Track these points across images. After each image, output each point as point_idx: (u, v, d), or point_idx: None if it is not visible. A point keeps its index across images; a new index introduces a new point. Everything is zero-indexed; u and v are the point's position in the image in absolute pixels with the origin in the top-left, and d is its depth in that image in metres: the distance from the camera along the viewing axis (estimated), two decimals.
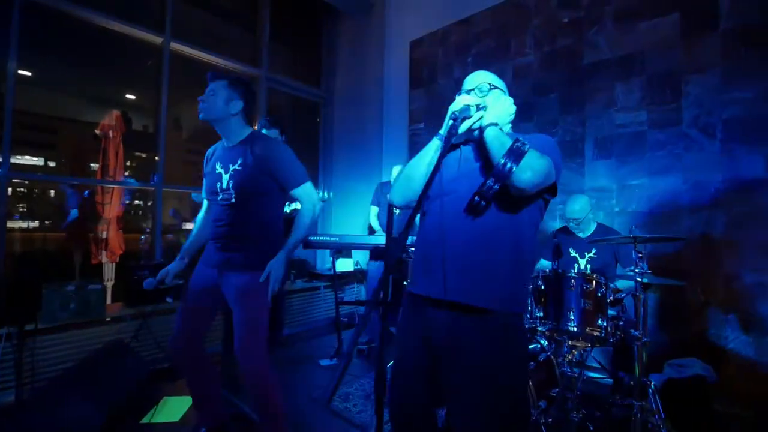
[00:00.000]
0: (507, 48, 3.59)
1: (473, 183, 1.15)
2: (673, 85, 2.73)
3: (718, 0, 2.57)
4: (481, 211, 1.11)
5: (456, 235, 1.12)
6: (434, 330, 1.14)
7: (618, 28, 2.97)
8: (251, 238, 1.65)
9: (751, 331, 2.43)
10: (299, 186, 1.67)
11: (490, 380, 1.06)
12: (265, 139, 1.72)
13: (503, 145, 1.06)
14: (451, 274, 1.10)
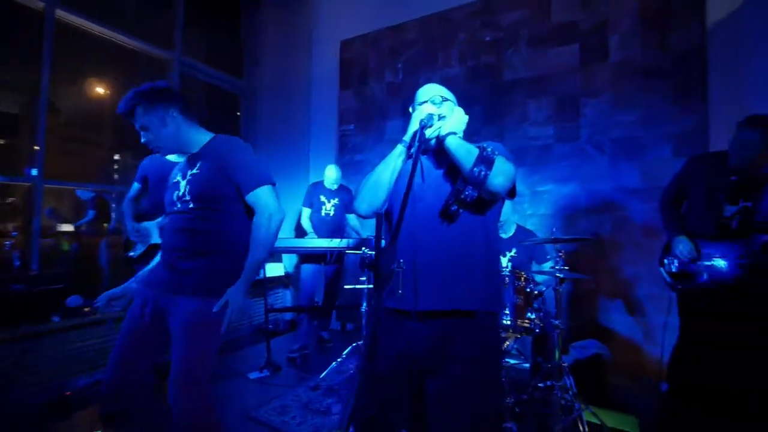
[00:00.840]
0: (435, 59, 3.78)
1: (439, 190, 1.18)
2: (574, 106, 3.18)
3: (608, 36, 3.06)
4: (454, 217, 1.15)
5: (432, 243, 1.14)
6: (418, 342, 1.14)
7: (531, 51, 3.34)
8: (209, 254, 1.39)
9: (630, 313, 2.95)
10: (255, 189, 1.38)
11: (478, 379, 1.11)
12: (225, 139, 1.48)
13: (470, 153, 1.11)
14: (435, 282, 1.12)
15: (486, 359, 1.14)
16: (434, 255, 1.13)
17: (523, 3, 3.39)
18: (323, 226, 3.53)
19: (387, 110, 4.04)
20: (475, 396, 1.11)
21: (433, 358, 1.14)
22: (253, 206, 1.40)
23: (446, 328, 1.13)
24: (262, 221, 1.38)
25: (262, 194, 1.39)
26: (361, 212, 1.22)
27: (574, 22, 3.18)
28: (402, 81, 3.96)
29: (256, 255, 1.38)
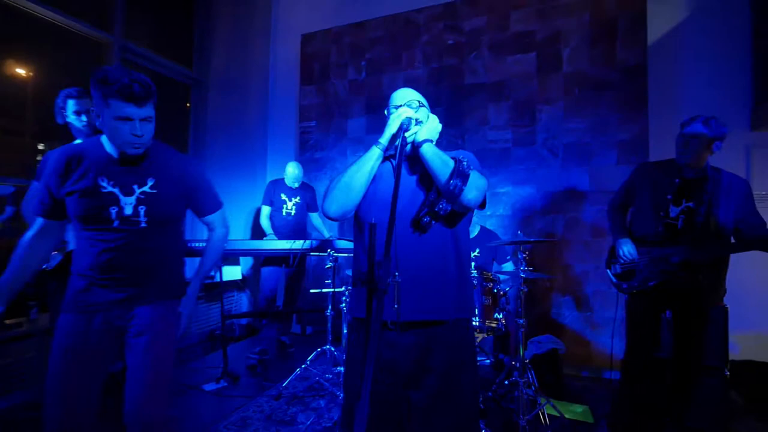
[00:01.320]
0: (399, 59, 3.77)
1: (412, 198, 1.16)
2: (531, 112, 3.33)
3: (561, 48, 3.24)
4: (427, 228, 1.13)
5: (408, 253, 1.11)
6: (399, 354, 1.12)
7: (491, 57, 3.45)
8: (165, 266, 1.39)
9: (580, 309, 3.16)
10: (213, 213, 1.49)
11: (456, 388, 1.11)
12: (175, 154, 1.41)
13: (446, 164, 1.10)
14: (410, 293, 1.09)
15: (463, 366, 1.15)
16: (408, 264, 1.10)
17: (483, 10, 3.48)
18: (284, 226, 3.39)
19: (350, 108, 3.97)
20: (455, 405, 1.11)
21: (413, 369, 1.11)
22: (209, 224, 1.52)
23: (424, 339, 1.11)
24: (218, 236, 1.53)
25: (219, 216, 1.52)
26: (330, 214, 1.16)
27: (532, 31, 3.33)
28: (365, 79, 3.91)
29: (208, 264, 1.52)
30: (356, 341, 1.19)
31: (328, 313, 2.55)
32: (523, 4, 3.36)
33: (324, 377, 2.49)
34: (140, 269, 1.30)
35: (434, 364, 1.11)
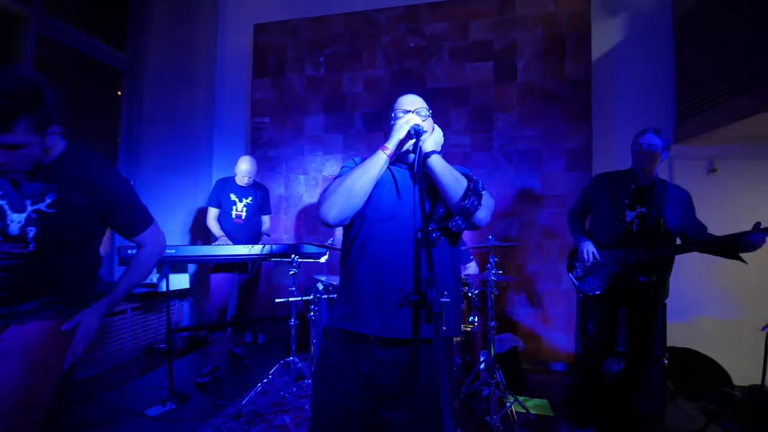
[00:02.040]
0: (360, 57, 3.70)
1: (413, 210, 1.11)
2: (488, 118, 3.45)
3: (516, 59, 3.40)
4: (434, 243, 1.08)
5: (404, 266, 1.04)
6: (381, 368, 1.06)
7: (452, 63, 3.52)
8: (60, 285, 1.20)
9: (533, 306, 3.34)
10: (143, 232, 1.31)
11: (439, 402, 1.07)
12: (92, 164, 1.19)
13: (458, 181, 1.07)
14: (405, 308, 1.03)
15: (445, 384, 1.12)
16: (398, 278, 1.04)
17: (443, 17, 3.55)
18: (234, 230, 3.13)
19: (308, 105, 3.80)
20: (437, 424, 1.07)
21: (393, 388, 1.06)
22: (138, 243, 1.34)
23: (409, 357, 1.06)
24: (146, 255, 1.35)
25: (150, 233, 1.34)
26: (329, 220, 1.07)
27: (490, 41, 3.46)
28: (324, 76, 3.77)
29: (126, 284, 1.32)
30: (334, 353, 1.11)
31: (292, 323, 2.40)
32: (481, 14, 3.48)
33: (288, 391, 2.34)
34: (24, 292, 1.12)
35: (419, 383, 1.06)
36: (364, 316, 1.07)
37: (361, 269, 1.09)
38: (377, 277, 1.07)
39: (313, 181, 3.79)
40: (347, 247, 1.16)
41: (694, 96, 3.08)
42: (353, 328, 1.08)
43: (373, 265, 1.08)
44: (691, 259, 2.13)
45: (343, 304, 1.13)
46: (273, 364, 2.45)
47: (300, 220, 3.80)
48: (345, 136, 3.73)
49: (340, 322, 1.12)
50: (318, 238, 3.71)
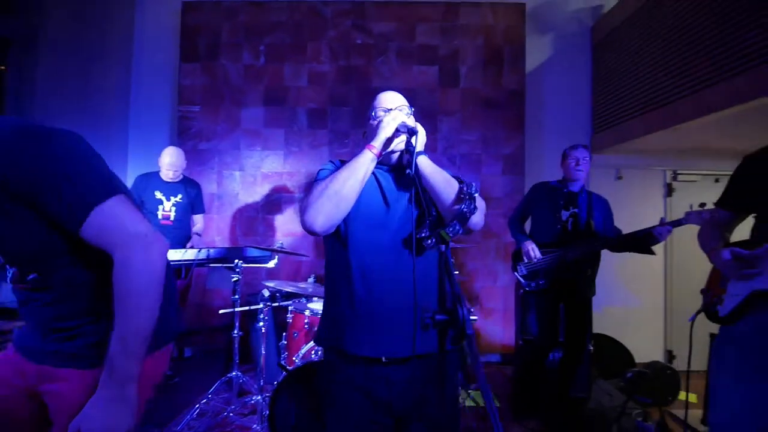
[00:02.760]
0: (304, 50, 3.52)
1: (404, 215, 1.05)
2: (433, 121, 3.53)
3: (459, 65, 3.53)
4: (427, 250, 1.04)
5: (408, 277, 0.99)
6: (398, 389, 1.00)
7: (399, 64, 3.53)
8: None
9: (471, 302, 3.51)
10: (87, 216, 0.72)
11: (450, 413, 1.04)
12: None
13: (449, 183, 1.03)
14: (409, 323, 0.98)
15: (454, 391, 1.11)
16: (399, 292, 1.00)
17: (391, 17, 3.54)
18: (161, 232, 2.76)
19: (246, 96, 3.52)
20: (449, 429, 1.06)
21: (410, 402, 1.02)
22: (101, 246, 0.75)
23: (422, 371, 1.02)
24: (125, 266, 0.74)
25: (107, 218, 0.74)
26: (316, 227, 0.97)
27: (435, 46, 3.54)
28: (264, 65, 3.52)
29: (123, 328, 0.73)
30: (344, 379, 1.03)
31: (236, 334, 2.18)
32: (427, 19, 3.54)
33: (231, 410, 2.12)
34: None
35: (432, 393, 1.03)
36: (368, 338, 0.99)
37: (353, 284, 1.01)
38: (372, 292, 1.00)
39: (250, 178, 3.52)
40: (334, 259, 1.07)
41: (606, 112, 3.50)
42: (361, 353, 0.99)
43: (367, 279, 1.00)
44: (603, 258, 2.43)
45: (340, 324, 1.03)
46: (208, 381, 2.21)
47: (235, 221, 3.50)
48: (287, 131, 3.52)
49: (341, 344, 1.02)
50: (256, 239, 3.46)
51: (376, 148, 1.00)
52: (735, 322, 1.28)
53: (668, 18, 2.83)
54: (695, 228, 1.56)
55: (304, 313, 2.23)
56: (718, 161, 3.70)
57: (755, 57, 2.14)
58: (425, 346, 0.99)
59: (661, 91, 2.92)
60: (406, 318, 0.99)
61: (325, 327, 1.10)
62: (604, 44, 3.57)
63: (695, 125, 2.73)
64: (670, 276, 3.68)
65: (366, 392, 1.00)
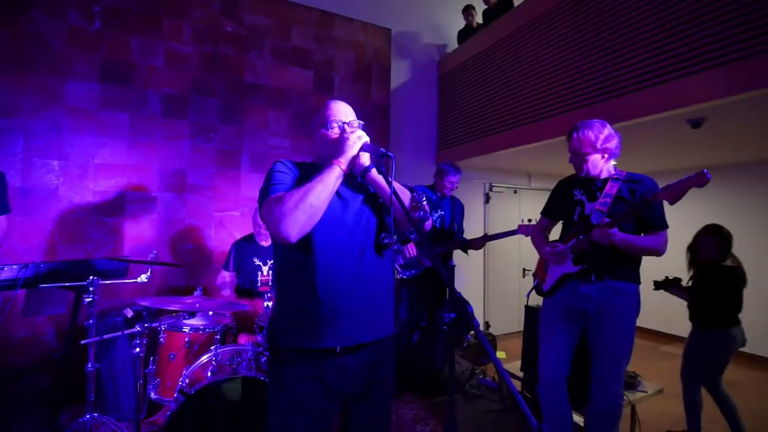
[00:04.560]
0: (159, 25, 3.01)
1: (356, 220, 1.15)
2: (308, 125, 3.56)
3: (333, 74, 3.68)
4: (380, 250, 1.15)
5: (353, 273, 1.08)
6: (349, 376, 1.08)
7: (274, 61, 3.42)
8: None
9: None
10: None
11: (391, 396, 1.19)
12: None
13: (404, 192, 1.15)
14: (360, 314, 1.08)
15: (393, 371, 1.26)
16: (369, 283, 1.11)
17: (265, 11, 3.39)
18: None
19: (71, 65, 2.75)
20: (389, 410, 1.21)
21: (360, 387, 1.12)
22: None
23: (372, 356, 1.13)
24: None
25: None
26: (291, 238, 0.97)
27: (310, 50, 3.58)
28: (100, 32, 2.83)
29: None
30: (295, 376, 1.06)
31: (91, 368, 1.74)
32: (302, 22, 3.55)
33: None
34: None
35: (381, 375, 1.15)
36: (326, 331, 1.04)
37: (316, 282, 1.04)
38: (332, 289, 1.05)
39: (77, 169, 2.78)
40: (292, 259, 1.07)
41: (446, 135, 4.30)
42: (318, 345, 1.04)
43: (329, 276, 1.05)
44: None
45: (302, 321, 1.06)
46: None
47: (54, 224, 2.71)
48: (134, 116, 2.94)
49: (298, 341, 1.06)
50: (87, 248, 2.77)
51: (344, 164, 1.07)
52: (552, 295, 1.87)
53: (491, 70, 3.71)
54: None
55: (182, 331, 1.98)
56: (517, 179, 5.02)
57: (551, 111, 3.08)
58: (376, 334, 1.12)
59: (482, 125, 3.81)
60: (363, 308, 1.09)
61: (282, 326, 1.11)
62: (447, 78, 4.35)
63: (503, 154, 3.70)
64: (487, 267, 4.77)
65: (321, 382, 1.06)
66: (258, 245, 2.62)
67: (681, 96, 2.24)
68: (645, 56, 2.41)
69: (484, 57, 3.79)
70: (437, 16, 4.49)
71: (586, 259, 1.72)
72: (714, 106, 2.20)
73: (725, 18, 2.04)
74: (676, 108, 2.28)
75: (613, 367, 1.67)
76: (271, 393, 1.11)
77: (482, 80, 3.82)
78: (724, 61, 2.04)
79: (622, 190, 1.70)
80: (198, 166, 3.15)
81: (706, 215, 3.05)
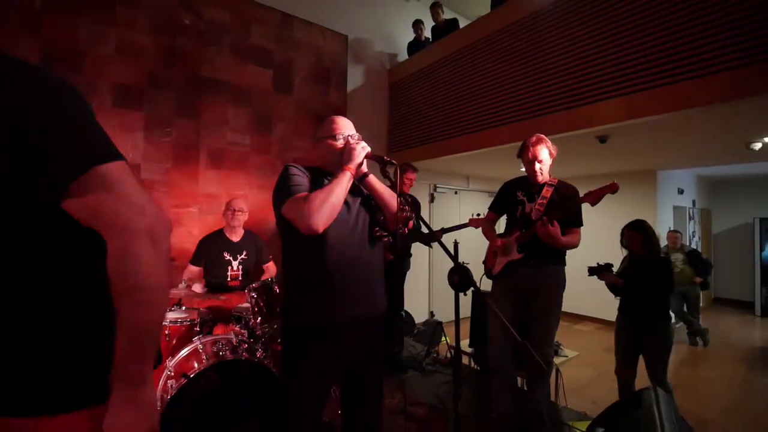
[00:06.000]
0: (111, 10, 2.86)
1: (358, 215, 1.36)
2: (268, 123, 3.63)
3: (293, 76, 3.78)
4: (376, 241, 1.38)
5: (357, 260, 1.30)
6: (350, 349, 1.28)
7: (234, 59, 3.42)
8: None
9: None
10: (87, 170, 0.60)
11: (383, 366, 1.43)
12: None
13: (393, 195, 1.39)
14: (375, 288, 1.31)
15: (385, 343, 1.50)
16: (367, 270, 1.33)
17: (223, 6, 3.38)
18: None
19: (8, 48, 2.51)
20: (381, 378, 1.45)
21: (362, 356, 1.33)
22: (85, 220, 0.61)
23: (368, 329, 1.35)
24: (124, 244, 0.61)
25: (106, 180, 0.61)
26: (318, 229, 1.16)
27: (270, 50, 3.64)
28: (42, 13, 2.63)
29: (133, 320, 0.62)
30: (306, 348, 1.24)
31: None
32: (263, 21, 3.60)
33: None
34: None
35: (376, 345, 1.38)
36: (332, 308, 1.23)
37: (326, 266, 1.23)
38: (339, 274, 1.24)
39: None
40: (304, 248, 1.24)
41: (395, 139, 4.62)
42: (326, 320, 1.23)
43: (336, 266, 1.24)
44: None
45: (310, 302, 1.25)
46: None
47: None
48: None
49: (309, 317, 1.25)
50: None
51: (353, 170, 1.28)
52: (500, 278, 2.26)
53: (436, 83, 4.10)
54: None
55: None
56: (458, 181, 5.53)
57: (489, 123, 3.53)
58: (373, 312, 1.34)
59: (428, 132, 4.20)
60: (362, 290, 1.31)
61: (293, 306, 1.29)
62: (397, 86, 4.67)
63: (446, 159, 4.13)
64: (432, 263, 5.20)
65: (327, 350, 1.25)
66: (228, 240, 2.67)
67: (593, 117, 2.80)
68: (568, 82, 2.94)
69: (431, 71, 4.17)
70: (390, 26, 4.79)
71: (526, 248, 2.12)
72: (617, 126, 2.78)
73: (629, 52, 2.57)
74: (588, 127, 2.84)
75: (545, 331, 2.09)
76: (285, 359, 1.28)
77: (428, 91, 4.20)
78: (626, 92, 2.61)
79: (554, 194, 2.13)
80: (152, 160, 3.05)
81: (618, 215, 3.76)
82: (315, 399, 1.26)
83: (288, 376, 1.27)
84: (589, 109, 2.80)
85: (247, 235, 2.78)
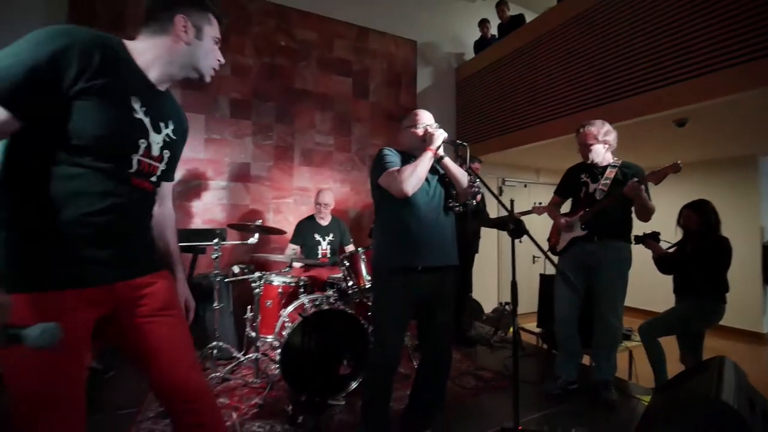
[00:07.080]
0: (227, 40, 3.56)
1: (437, 189, 1.70)
2: (348, 125, 4.13)
3: (369, 81, 4.24)
4: (450, 210, 1.71)
5: (439, 223, 1.65)
6: (425, 288, 1.62)
7: (319, 71, 3.98)
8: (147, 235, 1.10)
9: None
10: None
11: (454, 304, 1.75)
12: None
13: (464, 174, 1.69)
14: (441, 247, 1.64)
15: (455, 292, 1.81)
16: (441, 230, 1.66)
17: (313, 26, 3.95)
18: None
19: None
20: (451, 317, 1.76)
21: (436, 294, 1.66)
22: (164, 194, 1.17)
23: (442, 275, 1.68)
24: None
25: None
26: (408, 193, 1.52)
27: (350, 61, 4.14)
28: None
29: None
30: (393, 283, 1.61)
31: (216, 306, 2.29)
32: (343, 36, 4.11)
33: None
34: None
35: (447, 291, 1.70)
36: (414, 255, 1.58)
37: (411, 223, 1.59)
38: (420, 230, 1.60)
39: None
40: (394, 208, 1.61)
41: (463, 134, 4.84)
42: (409, 264, 1.58)
43: (418, 223, 1.60)
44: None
45: (397, 250, 1.61)
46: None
47: None
48: (208, 118, 3.50)
49: (396, 262, 1.60)
50: None
51: (434, 150, 1.62)
52: (564, 254, 2.41)
53: (504, 77, 4.26)
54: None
55: (275, 284, 2.53)
56: (528, 174, 5.57)
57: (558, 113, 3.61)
58: (450, 260, 1.67)
59: (495, 125, 4.35)
60: (437, 244, 1.63)
61: (384, 253, 1.66)
62: (464, 83, 4.90)
63: (514, 151, 4.25)
64: (500, 255, 5.31)
65: (409, 288, 1.59)
66: (317, 224, 3.17)
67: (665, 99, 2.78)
68: (636, 67, 2.95)
69: (497, 67, 4.34)
70: (456, 28, 5.05)
71: (590, 225, 2.26)
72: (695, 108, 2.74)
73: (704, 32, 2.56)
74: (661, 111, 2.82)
75: (611, 304, 2.21)
76: (376, 293, 1.68)
77: (495, 87, 4.37)
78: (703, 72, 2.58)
79: (618, 174, 2.24)
80: (259, 159, 3.70)
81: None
82: (399, 323, 1.62)
83: (379, 306, 1.66)
84: (663, 93, 2.79)
85: (334, 220, 3.26)
